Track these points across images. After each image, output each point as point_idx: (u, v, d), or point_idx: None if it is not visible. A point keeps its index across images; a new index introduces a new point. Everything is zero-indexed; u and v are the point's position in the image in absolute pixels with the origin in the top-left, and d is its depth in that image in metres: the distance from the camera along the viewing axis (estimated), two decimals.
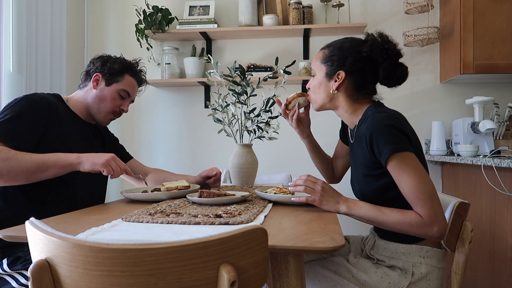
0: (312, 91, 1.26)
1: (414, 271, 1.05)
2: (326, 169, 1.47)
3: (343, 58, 1.17)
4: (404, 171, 0.99)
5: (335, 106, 1.23)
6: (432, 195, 0.97)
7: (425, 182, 0.98)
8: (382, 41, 1.15)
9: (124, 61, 1.46)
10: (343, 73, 1.17)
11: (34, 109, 1.24)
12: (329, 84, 1.20)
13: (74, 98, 1.43)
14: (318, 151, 1.45)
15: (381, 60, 1.14)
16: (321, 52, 1.25)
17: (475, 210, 1.97)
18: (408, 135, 1.03)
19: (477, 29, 2.25)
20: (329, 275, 1.10)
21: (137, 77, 1.49)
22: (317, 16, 2.74)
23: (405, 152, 0.99)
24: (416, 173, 0.98)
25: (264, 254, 0.61)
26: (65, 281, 0.61)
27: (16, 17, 2.07)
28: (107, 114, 1.43)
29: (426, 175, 1.00)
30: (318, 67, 1.24)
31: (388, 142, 1.00)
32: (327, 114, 2.74)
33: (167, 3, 2.80)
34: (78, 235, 0.76)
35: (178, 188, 1.30)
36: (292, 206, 1.12)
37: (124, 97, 1.44)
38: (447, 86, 2.62)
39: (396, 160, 0.99)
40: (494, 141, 2.34)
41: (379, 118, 1.05)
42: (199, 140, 2.85)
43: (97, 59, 1.45)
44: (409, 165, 0.99)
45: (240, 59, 2.77)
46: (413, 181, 0.98)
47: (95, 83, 1.41)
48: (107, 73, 1.41)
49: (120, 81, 1.42)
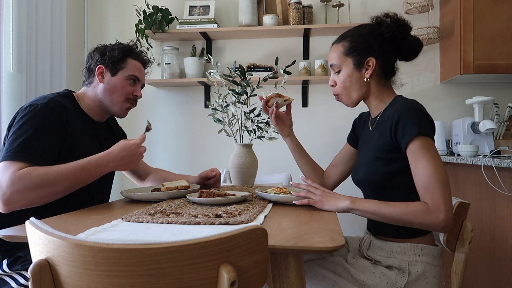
0: (342, 87, 1.22)
1: (410, 270, 1.05)
2: (313, 173, 1.43)
3: (369, 45, 1.17)
4: (424, 155, 1.01)
5: (367, 95, 1.22)
6: (445, 184, 0.99)
7: (442, 171, 1.00)
8: (395, 19, 1.18)
9: (123, 46, 1.39)
10: (373, 59, 1.17)
11: (54, 120, 1.18)
12: (361, 73, 1.19)
13: (85, 97, 1.37)
14: (300, 152, 1.44)
15: (400, 37, 1.17)
16: (339, 46, 1.22)
17: (475, 210, 1.97)
18: (433, 124, 1.07)
19: (477, 29, 2.25)
20: (328, 275, 1.10)
21: (141, 59, 1.43)
22: (317, 16, 2.74)
23: (429, 138, 1.03)
24: (436, 160, 1.00)
25: (264, 254, 0.61)
26: (65, 281, 0.61)
27: (16, 17, 2.07)
28: (122, 104, 1.37)
29: (443, 165, 1.02)
30: (342, 61, 1.20)
31: (416, 124, 1.03)
32: (327, 114, 2.74)
33: (167, 3, 2.80)
34: (78, 235, 0.76)
35: (178, 188, 1.30)
36: (292, 206, 1.12)
37: (134, 82, 1.39)
38: (447, 86, 2.62)
39: (419, 143, 1.02)
40: (494, 141, 2.34)
41: (410, 103, 1.09)
42: (199, 140, 2.85)
43: (94, 51, 1.38)
44: (430, 150, 1.01)
45: (240, 59, 2.77)
46: (431, 166, 0.99)
47: (100, 76, 1.34)
48: (109, 62, 1.34)
49: (125, 67, 1.36)
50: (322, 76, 2.56)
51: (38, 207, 1.21)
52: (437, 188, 0.97)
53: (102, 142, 1.40)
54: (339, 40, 1.23)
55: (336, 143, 2.68)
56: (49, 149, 1.14)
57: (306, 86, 2.74)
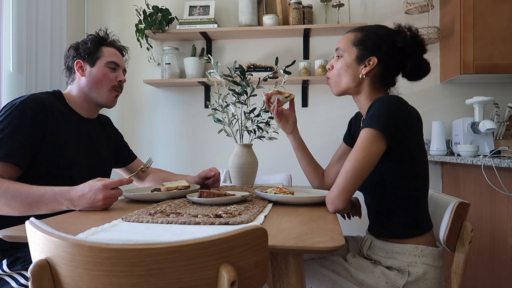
0: (336, 73, 1.22)
1: (410, 271, 1.05)
2: (313, 173, 1.43)
3: (378, 45, 1.16)
4: (359, 146, 1.04)
5: (357, 92, 1.21)
6: (355, 172, 1.01)
7: (361, 161, 1.01)
8: (414, 35, 1.17)
9: (94, 36, 1.41)
10: (375, 59, 1.16)
11: (30, 117, 1.19)
12: (358, 68, 1.18)
13: (71, 95, 1.39)
14: (303, 150, 1.43)
15: (411, 53, 1.16)
16: (352, 34, 1.21)
17: (475, 210, 1.97)
18: (396, 117, 1.05)
19: (477, 29, 2.25)
20: (327, 274, 1.10)
21: (115, 45, 1.45)
22: (317, 16, 2.74)
23: (375, 130, 1.02)
24: (364, 153, 1.02)
25: (264, 254, 0.61)
26: (65, 281, 0.61)
27: (16, 17, 2.07)
28: (108, 92, 1.38)
29: (369, 157, 1.02)
30: (348, 49, 1.19)
31: (371, 117, 1.04)
32: (327, 114, 2.74)
33: (167, 3, 2.80)
34: (78, 235, 0.76)
35: (178, 188, 1.30)
36: (292, 206, 1.12)
37: (114, 68, 1.40)
38: (447, 86, 2.62)
39: (363, 134, 1.04)
40: (494, 141, 2.34)
41: (384, 97, 1.08)
42: (199, 140, 2.85)
43: (68, 50, 1.41)
44: (366, 143, 1.03)
45: (240, 59, 2.77)
46: (356, 156, 1.02)
47: (80, 70, 1.36)
48: (84, 55, 1.36)
49: (101, 56, 1.38)
50: (322, 76, 2.56)
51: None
52: (346, 172, 1.02)
53: (93, 139, 1.41)
54: (356, 29, 1.22)
55: (336, 143, 2.66)
56: (22, 148, 1.16)
57: (306, 86, 2.74)
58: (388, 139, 1.03)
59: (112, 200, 1.07)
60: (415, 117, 1.12)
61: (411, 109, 1.11)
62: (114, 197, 1.06)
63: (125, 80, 1.44)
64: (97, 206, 1.04)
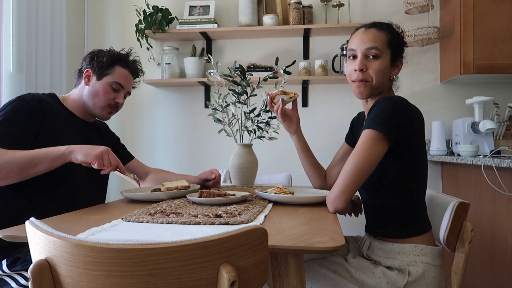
0: (375, 76, 1.14)
1: (410, 270, 1.05)
2: (316, 173, 1.43)
3: (401, 47, 1.19)
4: (360, 146, 1.03)
5: (381, 91, 1.20)
6: (356, 172, 1.01)
7: (363, 162, 1.01)
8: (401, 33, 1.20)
9: (113, 53, 1.42)
10: (402, 61, 1.19)
11: (26, 110, 1.22)
12: (391, 70, 1.18)
13: (70, 97, 1.42)
14: (307, 151, 1.43)
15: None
16: (381, 33, 1.15)
17: (475, 210, 1.97)
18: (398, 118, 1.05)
19: (477, 29, 2.25)
20: (328, 274, 1.10)
21: (130, 68, 1.45)
22: (317, 16, 2.74)
23: (376, 131, 1.02)
24: (365, 154, 1.02)
25: (264, 254, 0.61)
26: (65, 281, 0.61)
27: (16, 17, 2.07)
28: (102, 108, 1.40)
29: (370, 158, 1.02)
30: (384, 49, 1.14)
31: (373, 117, 1.04)
32: (327, 114, 2.74)
33: (167, 3, 2.80)
34: (78, 235, 0.76)
35: (178, 188, 1.30)
36: (292, 206, 1.12)
37: (117, 90, 1.41)
38: (447, 86, 2.62)
39: (364, 135, 1.04)
40: (494, 141, 2.34)
41: (386, 98, 1.09)
42: (199, 140, 2.85)
43: (88, 54, 1.43)
44: (368, 143, 1.03)
45: (240, 59, 2.77)
46: (358, 156, 1.02)
47: (86, 79, 1.39)
48: (96, 67, 1.38)
49: (110, 74, 1.39)
50: (322, 76, 2.56)
51: (37, 207, 1.22)
52: (347, 172, 1.02)
53: (91, 139, 1.43)
54: (377, 26, 1.16)
55: (336, 143, 2.67)
56: (16, 136, 1.18)
57: (306, 86, 2.74)
58: (390, 140, 1.03)
59: (105, 162, 1.15)
60: (418, 117, 1.12)
61: (414, 110, 1.12)
62: (105, 164, 1.15)
63: (123, 103, 1.46)
64: (91, 154, 1.12)
